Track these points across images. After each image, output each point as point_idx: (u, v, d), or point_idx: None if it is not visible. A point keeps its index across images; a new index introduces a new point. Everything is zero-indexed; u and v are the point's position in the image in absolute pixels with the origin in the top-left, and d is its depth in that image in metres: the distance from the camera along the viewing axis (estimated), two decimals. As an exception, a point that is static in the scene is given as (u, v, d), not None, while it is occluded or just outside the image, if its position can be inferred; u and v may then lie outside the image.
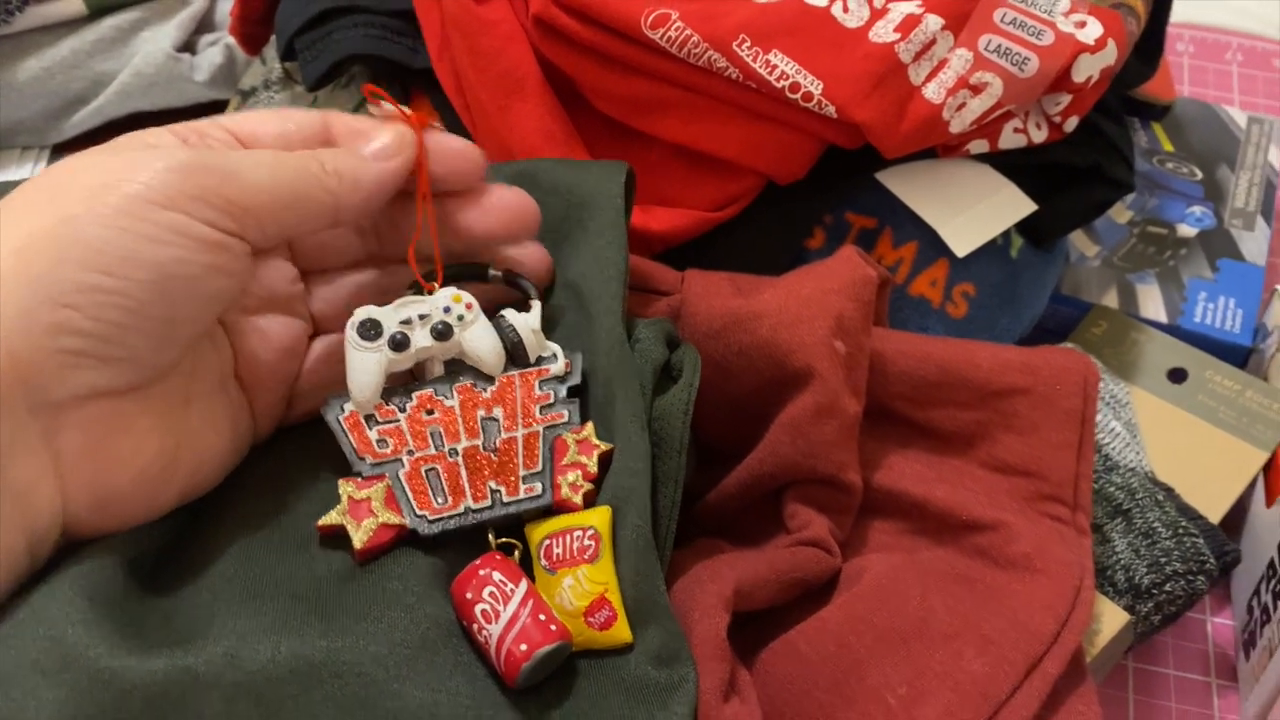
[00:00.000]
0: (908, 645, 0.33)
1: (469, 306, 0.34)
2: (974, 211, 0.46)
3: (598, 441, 0.33)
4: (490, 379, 0.34)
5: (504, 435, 0.33)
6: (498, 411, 0.34)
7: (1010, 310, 0.47)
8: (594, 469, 0.33)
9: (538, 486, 0.33)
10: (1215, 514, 0.45)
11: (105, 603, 0.29)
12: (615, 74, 0.43)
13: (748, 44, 0.41)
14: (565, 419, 0.34)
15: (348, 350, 0.33)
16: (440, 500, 0.33)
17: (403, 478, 0.33)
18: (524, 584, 0.31)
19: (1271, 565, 0.42)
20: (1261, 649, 0.41)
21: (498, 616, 0.30)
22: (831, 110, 0.41)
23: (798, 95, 0.41)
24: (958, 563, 0.37)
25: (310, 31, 0.46)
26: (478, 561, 0.31)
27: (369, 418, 0.33)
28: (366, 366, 0.33)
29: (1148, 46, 0.51)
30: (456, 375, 0.34)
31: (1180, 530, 0.42)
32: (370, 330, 0.33)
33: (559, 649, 0.30)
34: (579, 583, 0.31)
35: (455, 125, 0.46)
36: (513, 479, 0.33)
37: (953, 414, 0.40)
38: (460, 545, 0.33)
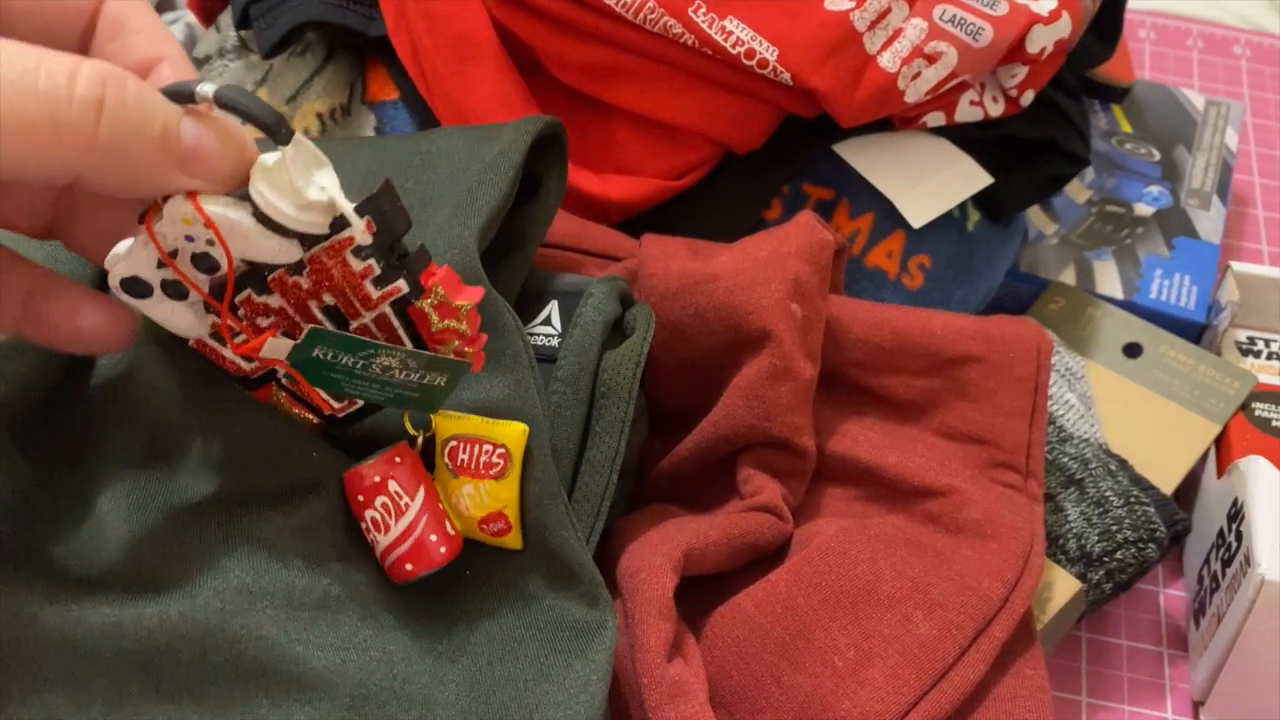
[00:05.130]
0: (855, 609, 0.33)
1: (208, 223, 0.26)
2: (930, 184, 0.46)
3: (458, 301, 0.29)
4: (299, 263, 0.28)
5: (353, 324, 0.29)
6: (329, 299, 0.29)
7: (966, 283, 0.47)
8: (468, 330, 0.29)
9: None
10: (1168, 485, 0.45)
11: None
12: (571, 40, 0.42)
13: (703, 10, 0.41)
14: (404, 290, 0.29)
15: (140, 310, 0.28)
16: (337, 399, 0.30)
17: (288, 385, 0.30)
18: (420, 497, 0.30)
19: (1221, 535, 0.42)
20: (1210, 616, 0.42)
21: (387, 529, 0.30)
22: (787, 77, 0.41)
23: (753, 61, 0.41)
24: (908, 528, 0.37)
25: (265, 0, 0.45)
26: (373, 462, 0.30)
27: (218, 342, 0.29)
28: (172, 318, 0.28)
29: (1106, 27, 0.51)
30: (260, 266, 0.28)
31: (1132, 499, 0.42)
32: (139, 288, 0.28)
33: (446, 566, 0.30)
34: (479, 495, 0.30)
35: (412, 93, 0.45)
36: None
37: (907, 381, 0.40)
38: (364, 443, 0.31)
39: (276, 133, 0.26)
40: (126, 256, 0.27)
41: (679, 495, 0.39)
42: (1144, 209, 0.56)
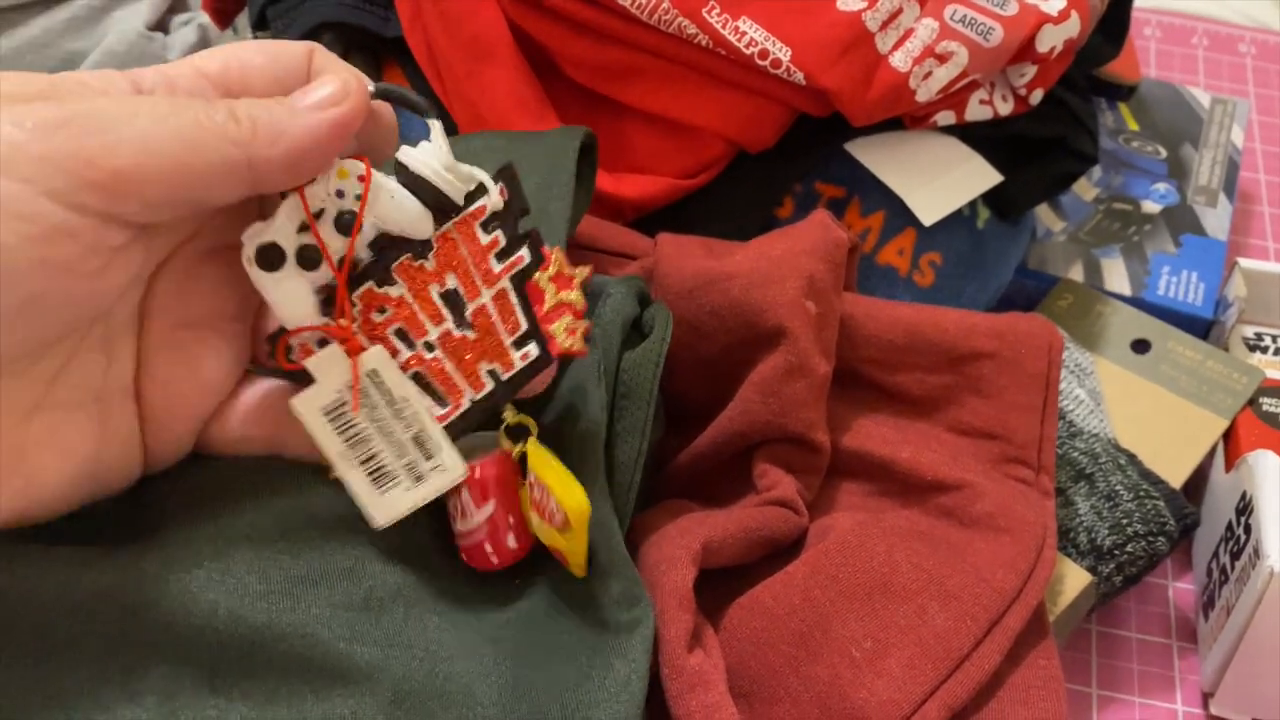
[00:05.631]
0: (872, 600, 0.34)
1: (361, 178, 0.28)
2: (941, 182, 0.46)
3: (572, 269, 0.30)
4: (428, 244, 0.29)
5: (471, 306, 0.30)
6: (451, 280, 0.29)
7: (977, 279, 0.47)
8: (580, 303, 0.30)
9: (532, 349, 0.30)
10: (1176, 479, 0.45)
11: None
12: (586, 40, 0.43)
13: (717, 10, 0.41)
14: (527, 259, 0.29)
15: (260, 289, 0.29)
16: (440, 405, 0.30)
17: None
18: (489, 508, 0.30)
19: (1230, 528, 0.43)
20: (1219, 609, 0.42)
21: (455, 524, 0.31)
22: (800, 77, 0.41)
23: (766, 62, 0.41)
24: (922, 522, 0.37)
25: (282, 1, 0.46)
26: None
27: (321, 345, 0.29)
28: (291, 299, 0.28)
29: (1113, 26, 0.52)
30: (387, 254, 0.29)
31: (1142, 493, 0.42)
32: (270, 256, 0.28)
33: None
34: (545, 530, 0.31)
35: (427, 93, 0.46)
36: (504, 352, 0.30)
37: (920, 377, 0.40)
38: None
39: (428, 112, 0.29)
40: (269, 224, 0.28)
41: (695, 490, 0.39)
42: (1151, 206, 0.56)
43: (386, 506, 0.30)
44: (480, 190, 0.29)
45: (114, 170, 0.23)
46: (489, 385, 0.30)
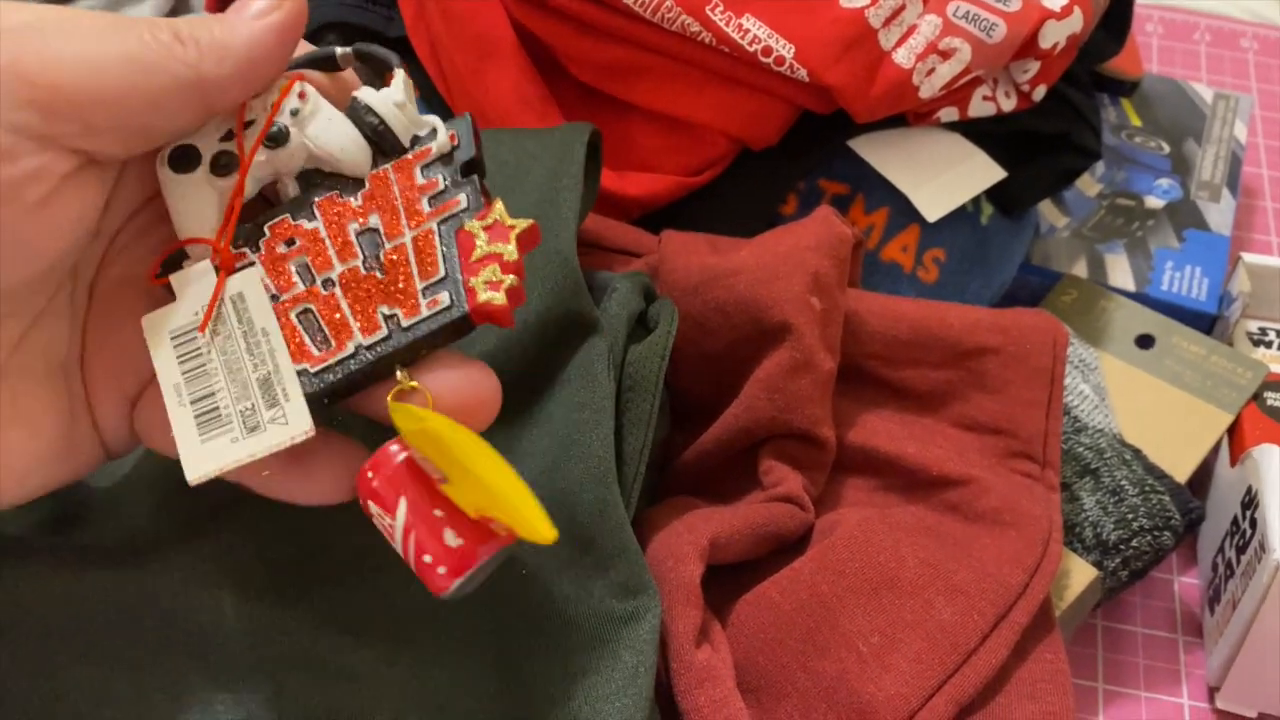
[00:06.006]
0: (879, 595, 0.34)
1: (302, 96, 0.26)
2: (944, 178, 0.46)
3: (512, 220, 0.26)
4: (359, 181, 0.27)
5: (389, 245, 0.26)
6: (375, 219, 0.27)
7: (980, 275, 0.48)
8: (513, 255, 0.26)
9: (444, 296, 0.26)
10: (1182, 474, 0.45)
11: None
12: (590, 39, 0.43)
13: (720, 8, 0.41)
14: (463, 204, 0.26)
15: (165, 192, 0.26)
16: (320, 346, 0.26)
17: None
18: (402, 511, 0.25)
19: (1235, 522, 0.43)
20: (1225, 603, 0.42)
21: (392, 540, 0.26)
22: (803, 74, 0.41)
23: (770, 59, 0.41)
24: (929, 517, 0.37)
25: None
26: (358, 478, 0.26)
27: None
28: (190, 203, 0.26)
29: (1116, 21, 0.52)
30: (317, 188, 0.27)
31: (1147, 488, 0.42)
32: (184, 157, 0.26)
33: (465, 581, 0.25)
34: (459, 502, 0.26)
35: (431, 92, 0.46)
36: (410, 296, 0.26)
37: (925, 373, 0.40)
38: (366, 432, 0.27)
39: (393, 63, 0.28)
40: (200, 129, 0.26)
41: (701, 487, 0.40)
42: (1154, 202, 0.56)
43: (203, 457, 0.26)
44: (432, 134, 0.27)
45: (52, 86, 0.22)
46: (383, 331, 0.26)
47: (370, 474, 0.25)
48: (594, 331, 0.33)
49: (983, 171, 0.47)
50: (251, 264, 0.27)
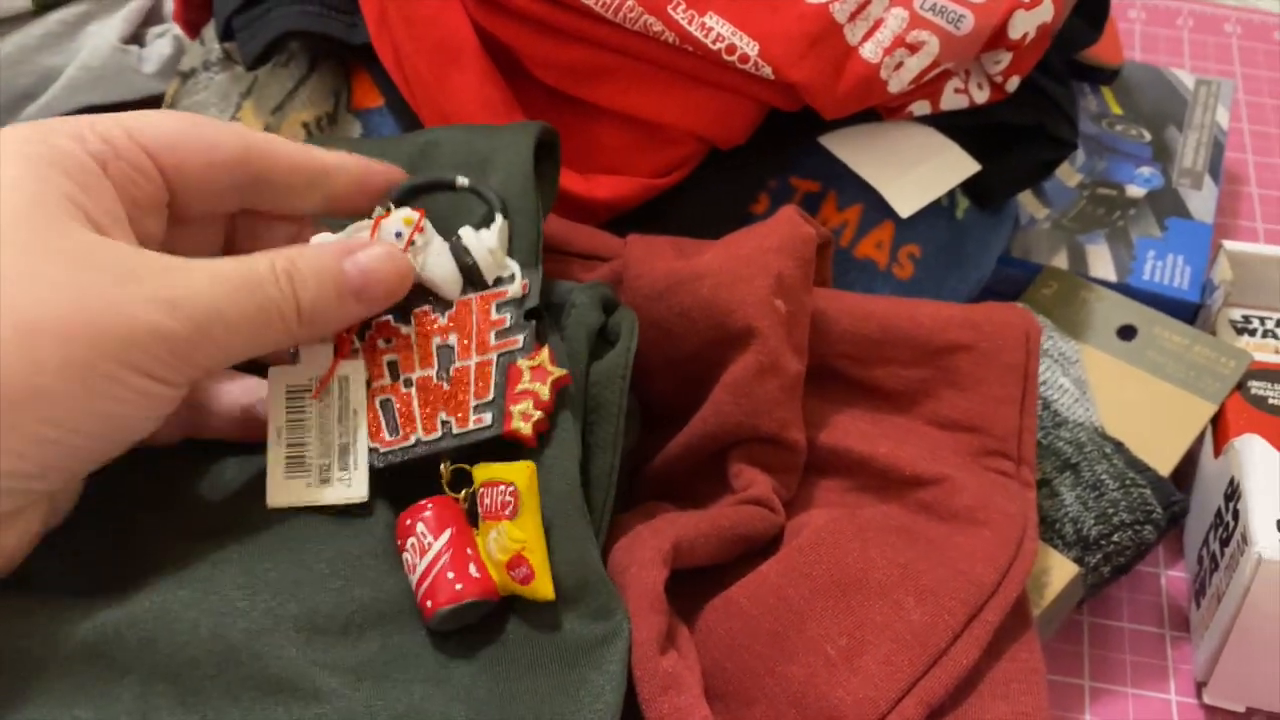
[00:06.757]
0: (847, 597, 0.34)
1: (420, 230, 0.33)
2: (917, 173, 0.46)
3: (553, 368, 0.32)
4: (449, 303, 0.34)
5: (458, 364, 0.33)
6: (453, 338, 0.33)
7: (957, 271, 0.47)
8: (546, 396, 0.32)
9: (487, 417, 0.32)
10: (1165, 466, 0.45)
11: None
12: (552, 41, 0.43)
13: (683, 7, 0.41)
14: (519, 344, 0.33)
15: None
16: (391, 433, 0.33)
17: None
18: (446, 536, 0.31)
19: (1219, 514, 0.42)
20: (1210, 597, 0.42)
21: (414, 568, 0.31)
22: (768, 71, 0.41)
23: (734, 57, 0.41)
24: (901, 517, 0.37)
25: (247, 11, 0.45)
26: (410, 510, 0.31)
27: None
28: None
29: (1092, 9, 0.51)
30: (416, 300, 0.34)
31: (1128, 482, 0.42)
32: None
33: (465, 607, 0.30)
34: (500, 536, 0.31)
35: (397, 100, 0.45)
36: (464, 409, 0.32)
37: (896, 371, 0.40)
38: (417, 485, 0.32)
39: (495, 207, 0.35)
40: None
41: (672, 492, 0.39)
42: (1136, 190, 0.55)
43: (284, 491, 0.32)
44: (510, 278, 0.34)
45: (201, 364, 0.29)
46: (439, 432, 0.33)
47: (429, 506, 0.31)
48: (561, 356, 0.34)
49: (956, 165, 0.46)
50: (357, 351, 0.33)
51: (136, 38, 0.59)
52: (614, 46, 0.42)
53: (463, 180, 0.35)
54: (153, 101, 0.57)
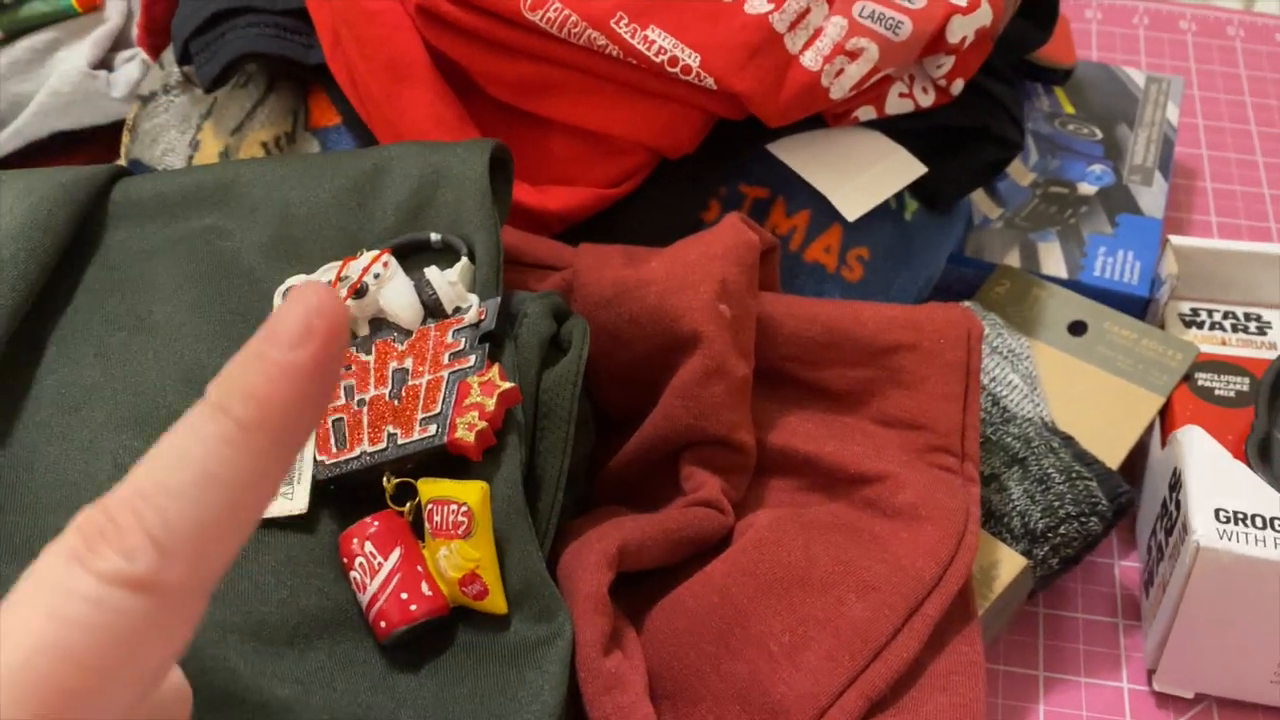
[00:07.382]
0: (790, 594, 0.34)
1: (385, 265, 0.35)
2: (864, 177, 0.47)
3: (500, 383, 0.34)
4: (409, 331, 0.35)
5: (410, 382, 0.34)
6: (409, 362, 0.35)
7: (905, 272, 0.48)
8: (491, 408, 0.33)
9: (432, 428, 0.33)
10: (1115, 459, 0.46)
11: None
12: (501, 58, 0.43)
13: (625, 21, 0.42)
14: (471, 363, 0.34)
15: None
16: (339, 446, 0.34)
17: None
18: (395, 556, 0.32)
19: (1164, 504, 0.43)
20: (1157, 586, 0.42)
21: (365, 588, 0.31)
22: (710, 82, 0.42)
23: (677, 69, 0.42)
24: (846, 514, 0.38)
25: (204, 34, 0.46)
26: (354, 527, 0.32)
27: None
28: None
29: (1039, 10, 0.52)
30: (379, 332, 0.36)
31: (1074, 475, 0.43)
32: None
33: (418, 626, 0.31)
34: (452, 554, 0.31)
35: (354, 118, 0.46)
36: (410, 422, 0.33)
37: (842, 372, 0.41)
38: (363, 497, 0.33)
39: (461, 252, 0.36)
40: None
41: (627, 496, 0.40)
42: (1087, 188, 0.56)
43: None
44: (468, 307, 0.35)
45: None
46: (384, 444, 0.33)
47: (375, 523, 0.32)
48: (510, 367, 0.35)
49: (903, 168, 0.47)
50: None
51: (105, 62, 0.60)
52: (561, 61, 0.43)
53: (436, 236, 0.37)
54: (120, 125, 0.58)
